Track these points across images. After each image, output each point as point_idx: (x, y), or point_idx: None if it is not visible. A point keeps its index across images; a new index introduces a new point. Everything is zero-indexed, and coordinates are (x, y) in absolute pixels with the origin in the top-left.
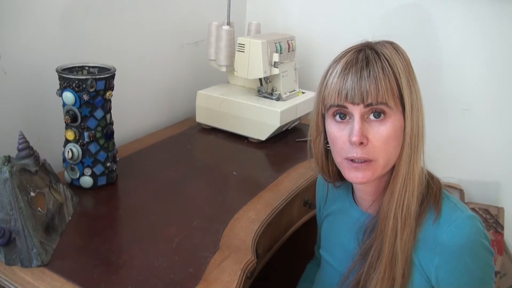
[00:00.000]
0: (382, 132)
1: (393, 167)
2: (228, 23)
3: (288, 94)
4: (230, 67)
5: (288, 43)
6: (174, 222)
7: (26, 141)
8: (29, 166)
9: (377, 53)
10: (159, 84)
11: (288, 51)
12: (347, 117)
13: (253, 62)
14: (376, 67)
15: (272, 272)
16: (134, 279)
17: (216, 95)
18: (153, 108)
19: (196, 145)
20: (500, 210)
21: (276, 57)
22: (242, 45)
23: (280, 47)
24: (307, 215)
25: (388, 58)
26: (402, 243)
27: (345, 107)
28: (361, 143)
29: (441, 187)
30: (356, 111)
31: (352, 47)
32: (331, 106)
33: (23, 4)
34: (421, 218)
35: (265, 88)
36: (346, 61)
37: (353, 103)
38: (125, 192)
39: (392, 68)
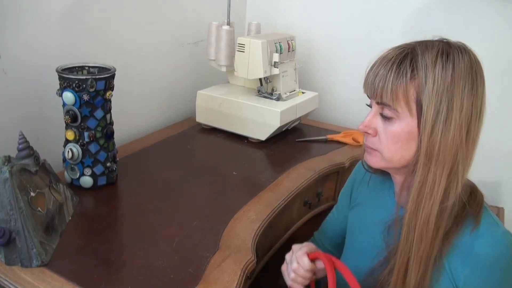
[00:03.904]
0: (387, 130)
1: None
2: (228, 23)
3: (288, 94)
4: (230, 67)
5: (288, 43)
6: (174, 222)
7: (26, 141)
8: (29, 166)
9: (413, 54)
10: (159, 84)
11: (288, 51)
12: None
13: (253, 62)
14: (394, 69)
15: (272, 272)
16: (134, 279)
17: (216, 95)
18: (153, 108)
19: (196, 145)
20: (500, 210)
21: (276, 57)
22: (242, 45)
23: (280, 47)
24: (307, 215)
25: (418, 64)
26: (418, 257)
27: (368, 97)
28: (368, 133)
29: (483, 201)
30: (373, 103)
31: (405, 43)
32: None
33: (23, 4)
34: (458, 227)
35: (265, 88)
36: (382, 55)
37: (369, 96)
38: (125, 192)
39: (416, 74)
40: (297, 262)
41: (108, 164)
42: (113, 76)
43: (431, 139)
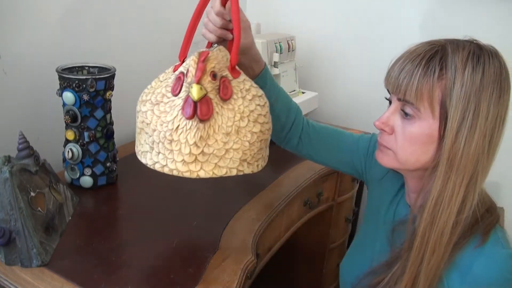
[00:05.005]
0: (406, 129)
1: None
2: None
3: (288, 94)
4: None
5: (288, 43)
6: (174, 222)
7: (26, 141)
8: (29, 166)
9: (443, 53)
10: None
11: (288, 51)
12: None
13: None
14: (422, 65)
15: (272, 272)
16: (134, 279)
17: None
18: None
19: None
20: (500, 210)
21: (276, 57)
22: None
23: (280, 47)
24: (307, 215)
25: (448, 63)
26: (428, 269)
27: (389, 92)
28: (384, 130)
29: (497, 222)
30: (394, 99)
31: (435, 40)
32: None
33: (23, 4)
34: (463, 241)
35: None
36: (409, 50)
37: (390, 91)
38: (125, 192)
39: (444, 74)
40: (211, 6)
41: (108, 164)
42: (113, 76)
43: (454, 146)
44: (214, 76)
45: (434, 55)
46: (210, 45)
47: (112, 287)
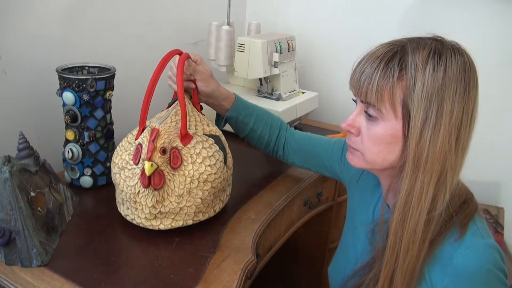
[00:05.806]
0: (370, 131)
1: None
2: (228, 23)
3: (288, 94)
4: (230, 67)
5: (288, 43)
6: None
7: (26, 141)
8: (29, 166)
9: (402, 53)
10: (159, 84)
11: (288, 51)
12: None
13: (253, 62)
14: (381, 67)
15: (272, 272)
16: (134, 279)
17: None
18: (153, 108)
19: None
20: (500, 210)
21: (276, 57)
22: (242, 45)
23: (280, 47)
24: (307, 215)
25: (407, 64)
26: (403, 267)
27: (354, 94)
28: (351, 132)
29: (475, 212)
30: (358, 101)
31: (396, 40)
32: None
33: (23, 4)
34: (441, 236)
35: (265, 88)
36: (370, 52)
37: (353, 93)
38: None
39: (404, 75)
40: (172, 62)
41: (108, 164)
42: (113, 76)
43: (419, 146)
44: (163, 151)
45: (393, 56)
46: (176, 94)
47: (112, 287)
